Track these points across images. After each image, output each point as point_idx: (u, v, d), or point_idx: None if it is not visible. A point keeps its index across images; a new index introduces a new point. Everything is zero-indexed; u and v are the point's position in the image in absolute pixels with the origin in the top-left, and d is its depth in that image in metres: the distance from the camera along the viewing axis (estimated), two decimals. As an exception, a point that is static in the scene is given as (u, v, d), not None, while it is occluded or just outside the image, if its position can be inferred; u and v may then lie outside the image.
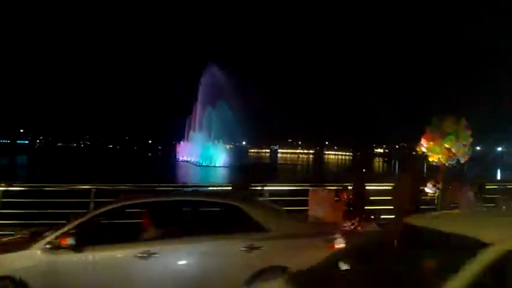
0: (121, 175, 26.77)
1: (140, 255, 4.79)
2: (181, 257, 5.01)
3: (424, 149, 10.14)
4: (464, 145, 9.95)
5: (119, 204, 5.50)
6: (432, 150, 10.02)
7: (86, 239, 4.89)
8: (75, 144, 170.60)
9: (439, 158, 10.05)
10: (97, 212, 5.37)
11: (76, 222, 5.06)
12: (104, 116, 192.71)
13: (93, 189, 9.37)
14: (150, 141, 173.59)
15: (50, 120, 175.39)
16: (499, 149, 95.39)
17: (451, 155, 9.94)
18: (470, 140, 10.01)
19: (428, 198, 10.15)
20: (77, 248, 4.78)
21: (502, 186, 11.28)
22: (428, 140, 10.02)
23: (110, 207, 5.39)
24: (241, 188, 8.43)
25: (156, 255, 4.80)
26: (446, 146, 9.84)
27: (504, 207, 9.13)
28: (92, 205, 9.27)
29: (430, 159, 10.24)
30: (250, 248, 4.90)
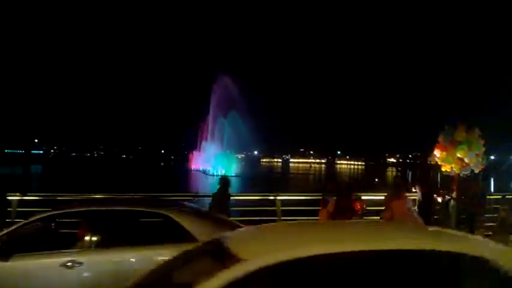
0: (133, 185, 26.97)
1: (67, 264, 4.68)
2: (106, 267, 4.80)
3: (437, 159, 10.07)
4: (477, 155, 9.86)
5: (49, 214, 5.42)
6: (445, 160, 9.95)
7: (14, 247, 4.79)
8: (88, 154, 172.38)
9: (451, 168, 9.97)
10: (27, 221, 5.20)
11: (5, 231, 4.96)
12: (117, 127, 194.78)
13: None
14: (162, 151, 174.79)
15: (64, 130, 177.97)
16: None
17: (464, 165, 9.85)
18: (483, 149, 9.91)
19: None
20: (2, 256, 4.69)
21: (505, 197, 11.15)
22: (441, 150, 9.95)
23: (39, 216, 5.29)
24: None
25: (81, 265, 4.70)
26: (459, 155, 9.75)
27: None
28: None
29: (443, 169, 10.17)
30: None
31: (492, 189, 35.38)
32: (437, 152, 9.99)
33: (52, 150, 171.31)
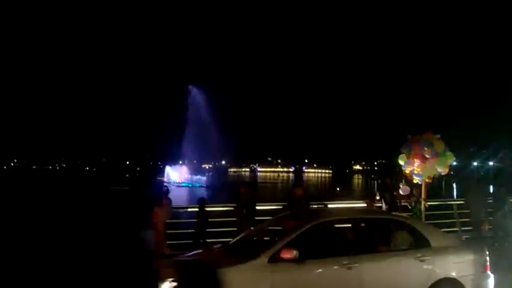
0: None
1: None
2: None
3: (413, 168, 10.40)
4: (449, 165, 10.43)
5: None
6: (424, 170, 10.32)
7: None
8: (50, 167, 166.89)
9: (428, 177, 10.47)
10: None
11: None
12: (79, 138, 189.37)
13: None
14: (127, 162, 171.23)
15: (24, 143, 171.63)
16: (475, 163, 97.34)
17: (437, 174, 10.41)
18: (454, 158, 10.46)
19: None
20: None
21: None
22: (421, 161, 10.27)
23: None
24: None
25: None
26: (437, 167, 10.22)
27: None
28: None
29: (413, 179, 10.56)
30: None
31: (455, 194, 37.11)
32: (416, 161, 10.31)
33: (12, 164, 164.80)
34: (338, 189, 49.80)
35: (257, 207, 9.45)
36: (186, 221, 9.93)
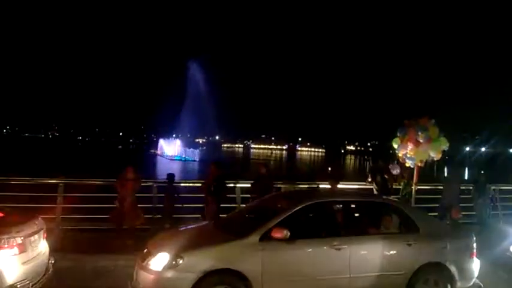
0: (90, 168, 26.20)
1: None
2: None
3: (406, 151, 10.43)
4: (443, 150, 10.45)
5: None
6: (417, 154, 10.34)
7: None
8: (43, 135, 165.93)
9: (421, 161, 10.52)
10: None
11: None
12: (73, 107, 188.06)
13: (61, 184, 9.33)
14: (121, 134, 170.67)
15: (17, 109, 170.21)
16: (467, 148, 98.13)
17: (429, 158, 10.46)
18: (448, 144, 10.47)
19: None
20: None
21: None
22: (415, 145, 10.29)
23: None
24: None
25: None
26: (431, 151, 10.25)
27: None
28: (59, 199, 9.18)
29: (405, 162, 10.60)
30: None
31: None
32: (410, 145, 10.34)
33: (4, 130, 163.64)
34: (330, 169, 49.79)
35: (228, 185, 9.52)
36: (157, 196, 9.77)
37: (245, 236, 5.19)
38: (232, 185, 9.99)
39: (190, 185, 11.40)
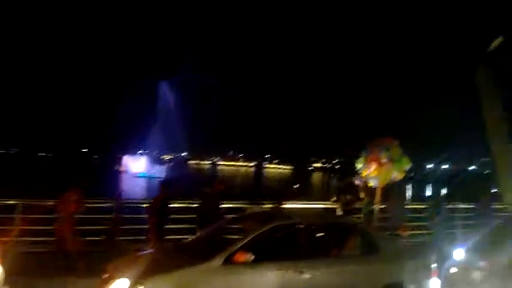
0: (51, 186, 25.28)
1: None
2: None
3: (369, 171, 10.66)
4: (405, 170, 10.75)
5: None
6: (380, 174, 10.57)
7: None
8: (3, 151, 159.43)
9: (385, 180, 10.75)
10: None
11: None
12: (35, 121, 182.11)
13: (19, 204, 9.06)
14: (84, 150, 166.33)
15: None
16: (429, 166, 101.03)
17: (392, 178, 10.71)
18: (410, 164, 10.79)
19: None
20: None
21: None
22: (378, 165, 10.54)
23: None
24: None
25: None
26: (394, 172, 10.51)
27: None
28: (17, 221, 8.82)
29: (370, 183, 10.82)
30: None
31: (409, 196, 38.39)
32: (373, 165, 10.57)
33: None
34: (296, 187, 49.79)
35: (174, 205, 9.36)
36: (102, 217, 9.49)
37: (207, 259, 5.12)
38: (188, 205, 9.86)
39: (141, 205, 10.72)
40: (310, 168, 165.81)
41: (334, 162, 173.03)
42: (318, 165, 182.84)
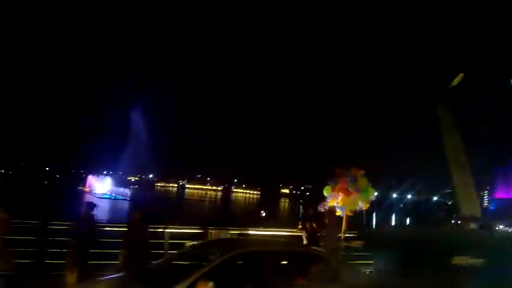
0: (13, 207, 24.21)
1: None
2: None
3: (337, 201, 10.83)
4: (371, 200, 11.01)
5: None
6: (346, 203, 10.75)
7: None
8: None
9: (350, 210, 10.93)
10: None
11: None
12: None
13: None
14: (47, 168, 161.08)
15: None
16: (394, 195, 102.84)
17: (358, 208, 10.93)
18: (375, 194, 11.07)
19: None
20: None
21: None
22: (345, 195, 10.74)
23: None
24: None
25: None
26: (360, 201, 10.72)
27: None
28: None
29: (338, 212, 10.97)
30: None
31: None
32: (340, 195, 10.76)
33: None
34: (263, 213, 49.44)
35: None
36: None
37: None
38: (160, 230, 9.66)
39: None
40: (278, 194, 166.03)
41: (302, 188, 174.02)
42: (286, 191, 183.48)
